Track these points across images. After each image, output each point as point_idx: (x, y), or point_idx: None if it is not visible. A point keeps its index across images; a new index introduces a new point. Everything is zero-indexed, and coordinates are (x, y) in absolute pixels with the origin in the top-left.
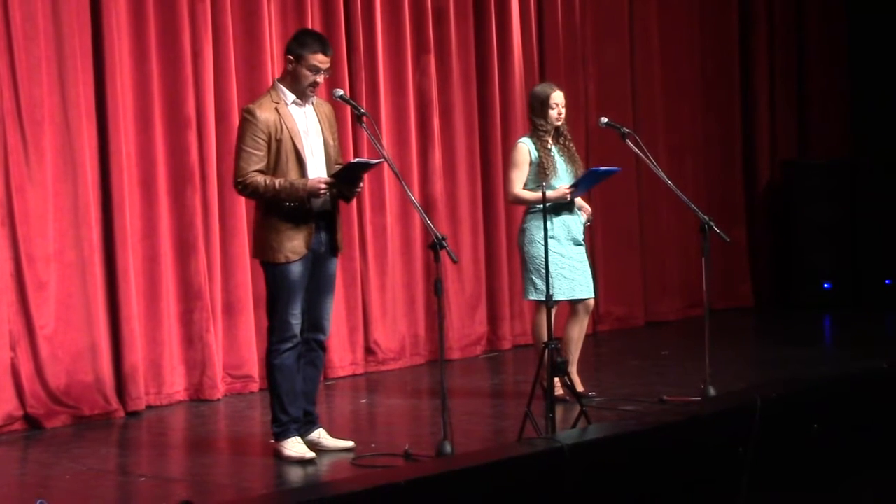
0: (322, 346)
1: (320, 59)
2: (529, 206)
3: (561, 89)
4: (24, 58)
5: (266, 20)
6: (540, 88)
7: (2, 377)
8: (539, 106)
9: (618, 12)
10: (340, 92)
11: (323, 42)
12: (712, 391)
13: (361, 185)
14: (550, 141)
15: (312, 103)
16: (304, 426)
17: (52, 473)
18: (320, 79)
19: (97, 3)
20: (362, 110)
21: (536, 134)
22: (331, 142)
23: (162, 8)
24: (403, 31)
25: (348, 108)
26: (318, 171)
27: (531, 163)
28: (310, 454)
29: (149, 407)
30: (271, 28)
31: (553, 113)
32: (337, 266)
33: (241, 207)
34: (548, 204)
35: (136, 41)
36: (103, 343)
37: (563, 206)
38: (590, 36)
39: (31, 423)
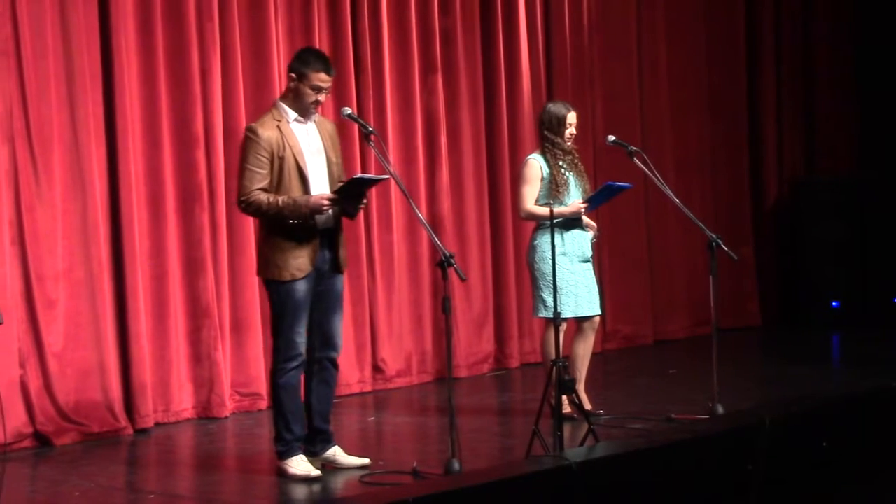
0: (335, 364)
1: (322, 79)
2: (540, 222)
3: (575, 110)
4: (34, 76)
5: (274, 39)
6: (556, 107)
7: (11, 394)
8: (556, 124)
9: (625, 31)
10: (348, 110)
11: (325, 61)
12: (720, 409)
13: (365, 201)
14: (562, 158)
15: (315, 121)
16: (319, 444)
17: (62, 491)
18: (322, 98)
19: (106, 22)
20: (370, 128)
21: (549, 151)
22: (333, 159)
23: (170, 26)
24: (411, 50)
25: (356, 126)
26: (320, 188)
27: (542, 179)
28: (315, 472)
29: (157, 424)
30: (279, 47)
31: (566, 133)
32: (344, 283)
33: (249, 225)
34: (559, 220)
35: (145, 60)
36: (112, 361)
37: (573, 223)
38: (597, 55)
39: (41, 440)
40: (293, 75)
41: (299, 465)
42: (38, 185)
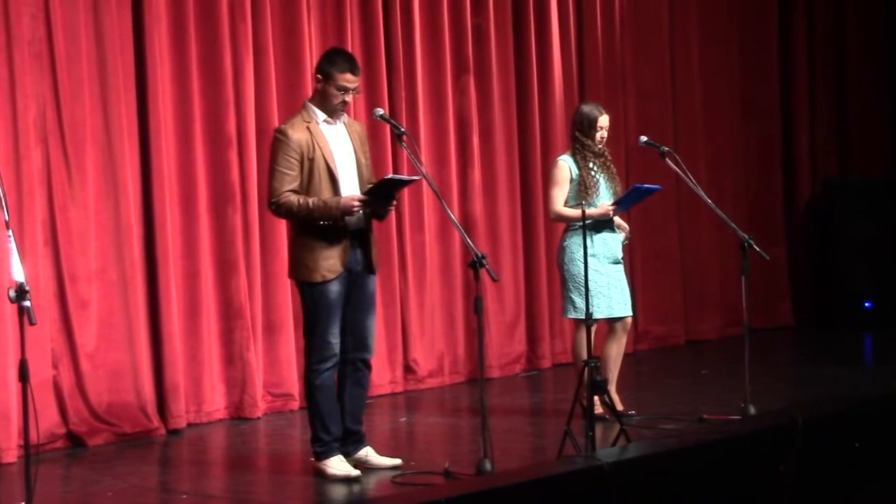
0: (368, 366)
1: (348, 79)
2: (570, 223)
3: (608, 113)
4: (67, 78)
5: (306, 39)
6: (588, 109)
7: (44, 395)
8: (587, 126)
9: (657, 31)
10: (381, 111)
11: (351, 61)
12: (752, 410)
13: (395, 202)
14: (592, 159)
15: (344, 122)
16: (351, 445)
17: (95, 491)
18: (349, 98)
19: (139, 24)
20: (402, 129)
21: (579, 152)
22: (363, 161)
23: (203, 28)
24: (443, 50)
25: (388, 127)
26: (350, 189)
27: (571, 180)
28: (355, 472)
29: (189, 425)
30: (311, 47)
31: (598, 136)
32: (376, 284)
33: (282, 226)
34: (589, 222)
35: (178, 61)
36: (144, 361)
37: (603, 225)
38: (629, 55)
39: (74, 440)
40: (319, 76)
41: (338, 465)
42: (72, 185)
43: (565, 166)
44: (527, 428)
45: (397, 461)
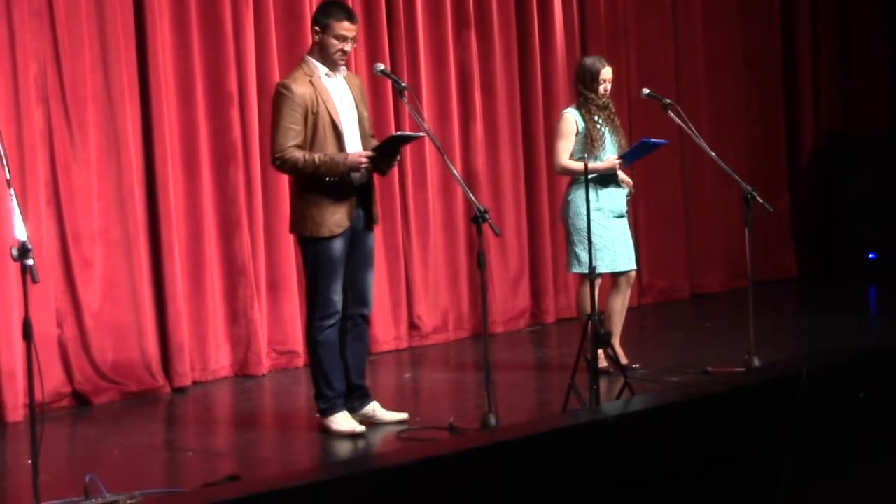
0: (367, 320)
1: (346, 27)
2: (574, 177)
3: (610, 65)
4: (67, 36)
5: None
6: (591, 62)
7: (49, 354)
8: (589, 79)
9: None
10: (381, 66)
11: (347, 10)
12: (756, 362)
13: (399, 158)
14: (597, 113)
15: (344, 76)
16: (357, 401)
17: (101, 449)
18: (348, 47)
19: None
20: (403, 84)
21: (584, 105)
22: (364, 114)
23: None
24: (444, 4)
25: (389, 82)
26: (353, 143)
27: (577, 133)
28: (360, 428)
29: (195, 383)
30: (312, 3)
31: (601, 88)
32: (374, 239)
33: (284, 183)
34: (594, 176)
35: (178, 18)
36: (149, 320)
37: (608, 179)
38: (631, 7)
39: (80, 399)
40: (316, 28)
41: (343, 421)
42: (73, 145)
43: (572, 119)
44: (531, 382)
45: (404, 415)
